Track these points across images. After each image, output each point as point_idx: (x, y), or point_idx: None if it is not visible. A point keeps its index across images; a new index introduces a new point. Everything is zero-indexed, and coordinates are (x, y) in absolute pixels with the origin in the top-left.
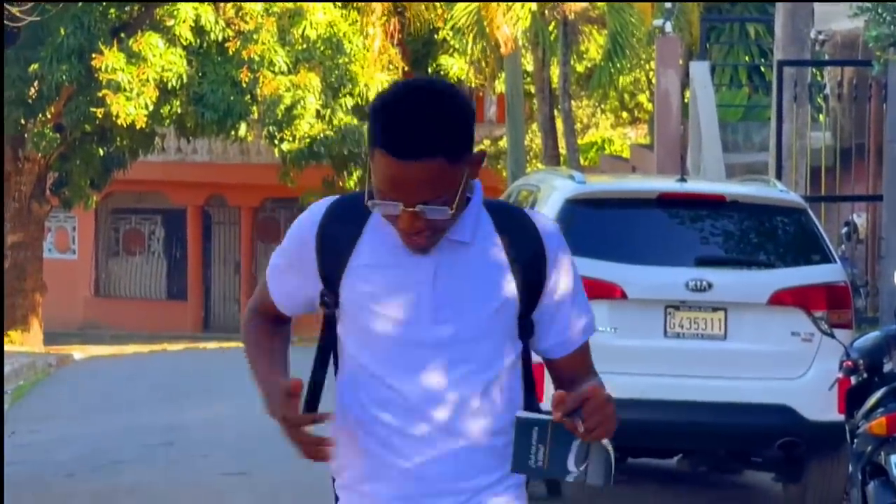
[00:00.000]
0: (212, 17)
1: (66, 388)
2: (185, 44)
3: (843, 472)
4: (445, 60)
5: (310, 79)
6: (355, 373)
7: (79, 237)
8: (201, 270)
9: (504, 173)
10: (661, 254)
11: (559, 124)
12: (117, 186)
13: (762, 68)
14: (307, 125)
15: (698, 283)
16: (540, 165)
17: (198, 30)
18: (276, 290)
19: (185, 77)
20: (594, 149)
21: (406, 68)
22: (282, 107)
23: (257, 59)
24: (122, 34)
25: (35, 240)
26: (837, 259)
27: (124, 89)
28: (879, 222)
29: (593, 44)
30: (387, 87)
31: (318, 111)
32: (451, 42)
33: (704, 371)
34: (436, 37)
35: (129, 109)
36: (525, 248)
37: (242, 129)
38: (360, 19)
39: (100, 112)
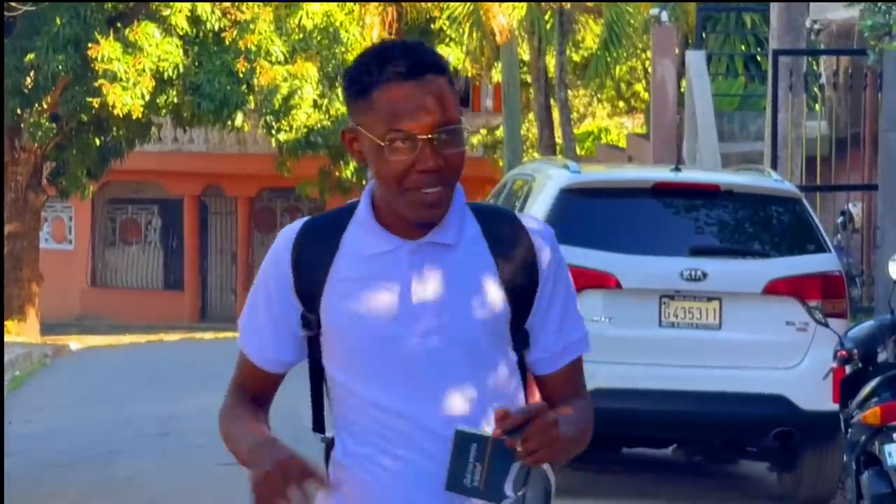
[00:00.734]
0: (208, 6)
1: (63, 379)
2: (181, 33)
3: (837, 462)
4: (442, 50)
5: (306, 68)
6: (345, 400)
7: (75, 227)
8: (198, 260)
9: (500, 163)
10: (656, 243)
11: (555, 114)
12: (114, 176)
13: (758, 57)
14: (304, 115)
15: (693, 272)
16: (536, 155)
17: (194, 19)
18: (253, 342)
19: (181, 67)
20: (590, 138)
21: None
22: (278, 97)
23: (254, 48)
24: (119, 24)
25: (31, 230)
26: (832, 249)
27: (120, 79)
28: (875, 211)
29: (589, 33)
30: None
31: (314, 101)
32: (448, 32)
33: (699, 361)
34: (432, 26)
35: (126, 99)
36: (514, 252)
37: (239, 118)
38: (357, 9)
39: (96, 102)
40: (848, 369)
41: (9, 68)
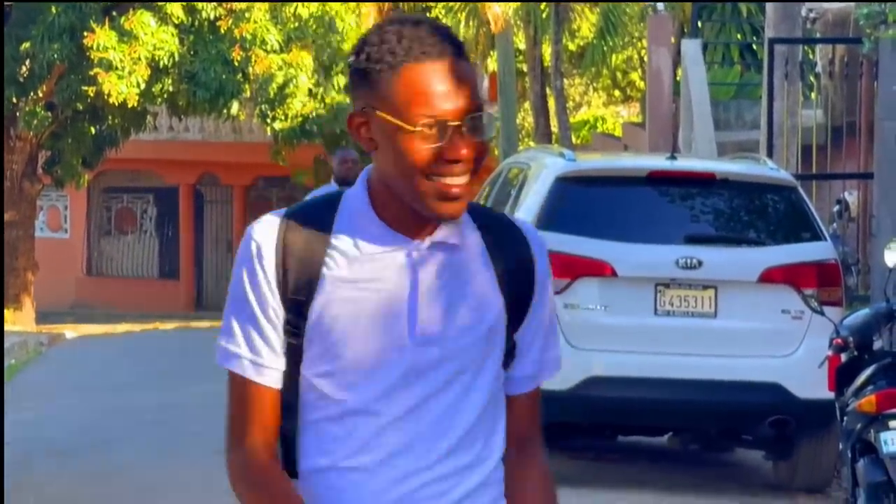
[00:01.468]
0: None
1: (58, 367)
2: (176, 22)
3: (832, 450)
4: None
5: (302, 57)
6: (322, 409)
7: (71, 216)
8: (193, 249)
9: (496, 151)
10: (651, 232)
11: (551, 102)
12: (109, 165)
13: (754, 46)
14: (299, 104)
15: (688, 260)
16: (532, 144)
17: (189, 8)
18: (253, 359)
19: (176, 55)
20: (586, 127)
21: None
22: (274, 85)
23: (249, 37)
24: (114, 13)
25: (27, 219)
26: (828, 237)
27: (116, 68)
28: (870, 200)
29: (585, 22)
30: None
31: (310, 90)
32: (443, 20)
33: (694, 349)
34: (428, 15)
35: (121, 88)
36: (512, 255)
37: (234, 107)
38: None
39: (91, 90)
40: (843, 357)
41: (4, 57)
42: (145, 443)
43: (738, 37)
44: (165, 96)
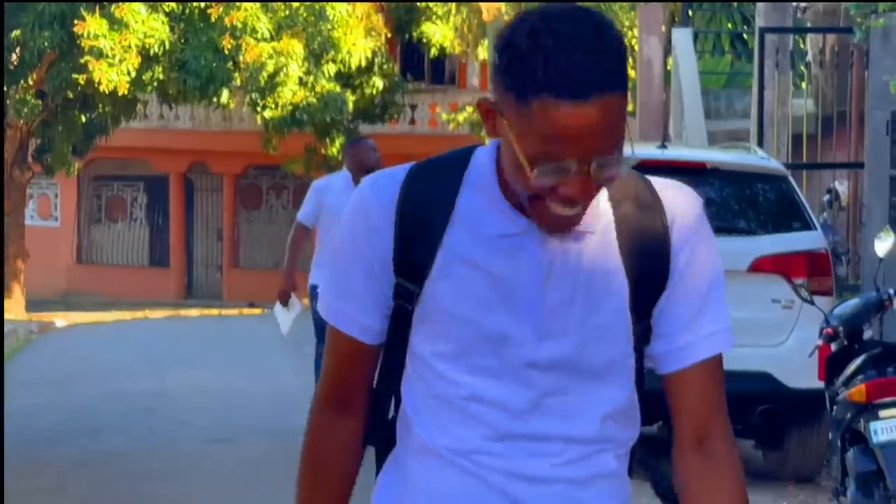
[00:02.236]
0: None
1: (48, 355)
2: (167, 10)
3: (822, 439)
4: (428, 27)
5: (292, 45)
6: (440, 394)
7: (61, 204)
8: (184, 237)
9: (486, 140)
10: None
11: None
12: (99, 153)
13: (745, 35)
14: (290, 92)
15: None
16: None
17: None
18: (351, 313)
19: (167, 44)
20: None
21: (389, 35)
22: (264, 74)
23: (240, 25)
24: (105, 1)
25: (17, 206)
26: (818, 226)
27: (106, 56)
28: (861, 190)
29: None
30: (510, 21)
31: (300, 78)
32: (434, 9)
33: None
34: (419, 3)
35: (112, 76)
36: (643, 227)
37: (225, 95)
38: None
39: (82, 78)
40: (833, 347)
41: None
42: (136, 430)
43: (729, 26)
44: (156, 84)
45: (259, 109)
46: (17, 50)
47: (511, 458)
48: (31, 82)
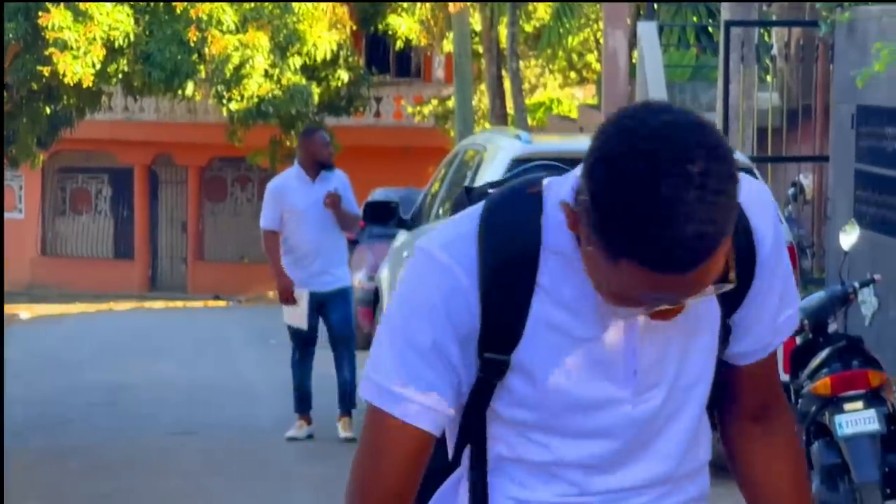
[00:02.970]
0: None
1: (12, 348)
2: (132, 2)
3: None
4: (394, 20)
5: (258, 38)
6: (521, 457)
7: (25, 196)
8: (148, 230)
9: (452, 133)
10: None
11: (507, 84)
12: (64, 145)
13: (710, 29)
14: (255, 84)
15: None
16: (487, 125)
17: None
18: (420, 404)
19: (132, 36)
20: (542, 109)
21: (354, 27)
22: (230, 66)
23: (205, 17)
24: None
25: None
26: (783, 220)
27: (71, 48)
28: (826, 183)
29: (541, 3)
30: (611, 139)
31: (266, 71)
32: (400, 1)
33: None
34: None
35: (76, 68)
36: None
37: (190, 88)
38: None
39: (46, 70)
40: (798, 340)
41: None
42: (100, 423)
43: (695, 19)
44: (120, 76)
45: (224, 102)
46: None
47: None
48: None
